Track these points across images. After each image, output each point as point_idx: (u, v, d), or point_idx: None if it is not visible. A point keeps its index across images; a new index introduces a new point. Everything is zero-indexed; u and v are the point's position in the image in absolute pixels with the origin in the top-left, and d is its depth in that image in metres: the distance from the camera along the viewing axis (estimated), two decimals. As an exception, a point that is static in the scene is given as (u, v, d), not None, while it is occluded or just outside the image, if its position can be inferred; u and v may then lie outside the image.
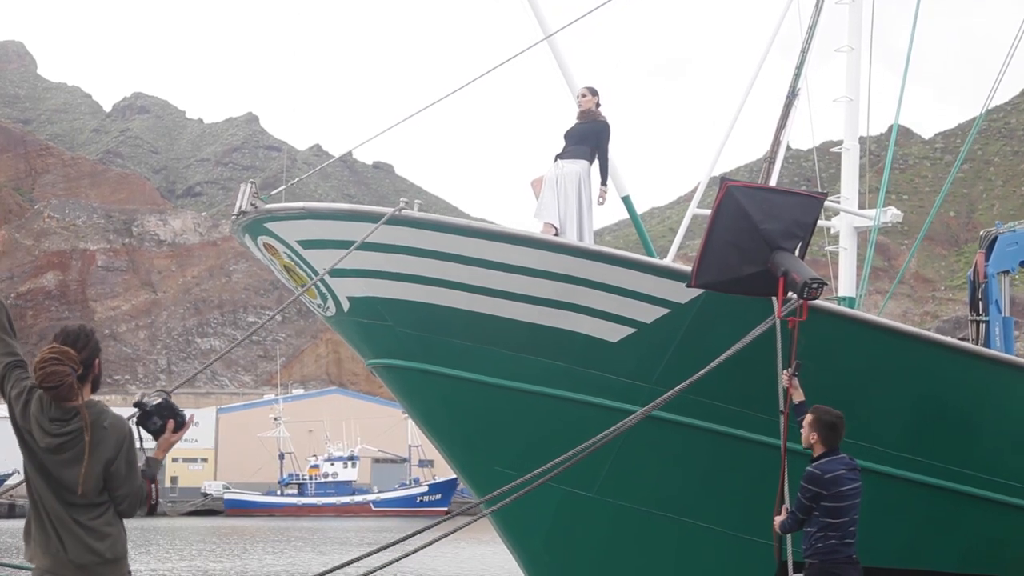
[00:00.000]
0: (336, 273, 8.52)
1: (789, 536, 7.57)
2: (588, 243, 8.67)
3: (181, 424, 4.55)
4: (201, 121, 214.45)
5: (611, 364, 8.43)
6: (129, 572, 4.46)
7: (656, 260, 8.72)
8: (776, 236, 7.44)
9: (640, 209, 10.82)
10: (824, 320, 7.91)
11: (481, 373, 8.59)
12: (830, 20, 11.38)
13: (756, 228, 7.44)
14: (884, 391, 8.41)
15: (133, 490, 4.33)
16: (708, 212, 8.02)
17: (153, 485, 4.47)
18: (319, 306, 9.25)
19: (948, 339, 8.91)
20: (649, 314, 8.24)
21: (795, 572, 7.76)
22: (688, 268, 7.89)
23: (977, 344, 9.95)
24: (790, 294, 7.38)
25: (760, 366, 7.97)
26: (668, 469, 8.64)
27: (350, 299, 8.84)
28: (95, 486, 4.25)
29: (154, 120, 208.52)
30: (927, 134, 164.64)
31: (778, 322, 7.89)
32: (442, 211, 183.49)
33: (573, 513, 8.74)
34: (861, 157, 11.34)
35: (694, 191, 11.43)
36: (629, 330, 8.32)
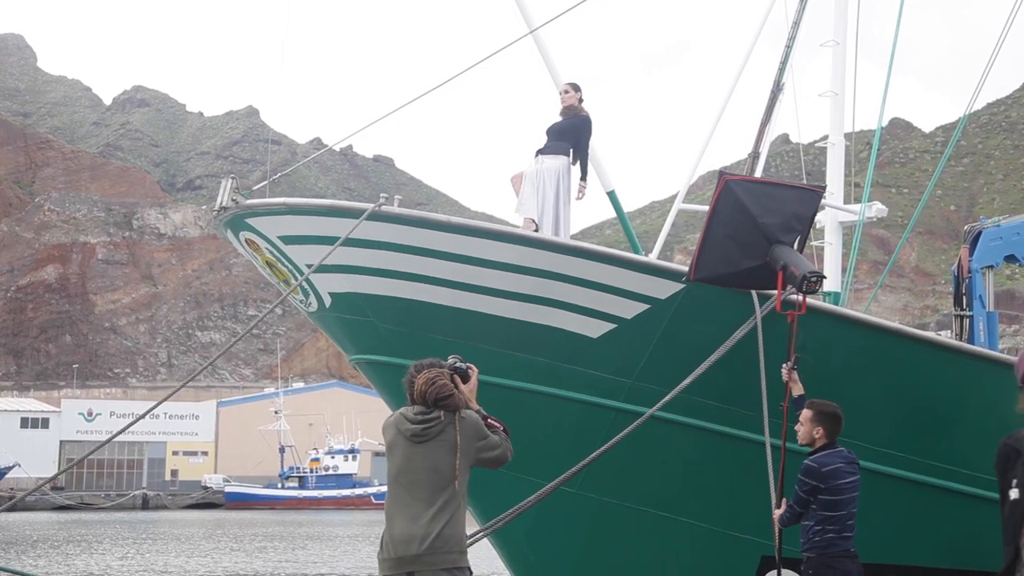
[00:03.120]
0: (318, 269, 8.52)
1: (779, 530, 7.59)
2: (565, 238, 8.67)
3: (463, 374, 5.17)
4: (201, 114, 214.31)
5: (593, 360, 8.43)
6: (469, 570, 4.95)
7: (635, 255, 8.70)
8: (775, 230, 7.45)
9: (640, 203, 10.90)
10: (804, 316, 7.90)
11: (463, 369, 8.58)
12: (823, 14, 11.38)
13: (755, 222, 7.45)
14: (865, 387, 8.40)
15: (500, 440, 5.11)
16: (695, 207, 8.05)
17: (491, 419, 5.18)
18: (301, 302, 9.25)
19: (929, 335, 8.91)
20: (629, 309, 8.23)
21: (786, 567, 7.79)
22: (679, 262, 7.89)
23: (961, 339, 9.93)
24: (788, 287, 7.40)
25: (740, 362, 8.00)
26: (649, 465, 8.64)
27: (332, 295, 8.84)
28: (464, 472, 4.91)
29: (154, 113, 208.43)
30: (928, 128, 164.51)
31: (759, 318, 7.92)
32: (442, 205, 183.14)
33: (555, 508, 8.74)
34: (862, 151, 11.34)
35: (692, 184, 11.43)
36: (610, 326, 8.31)
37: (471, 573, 4.93)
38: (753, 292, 8.03)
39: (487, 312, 8.39)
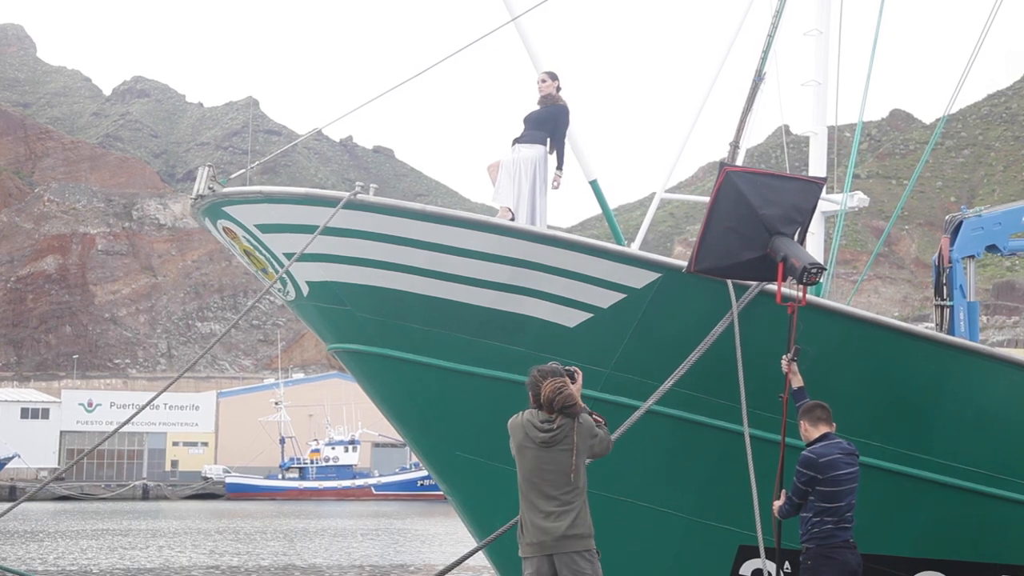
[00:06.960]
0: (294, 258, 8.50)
1: (760, 521, 7.60)
2: (541, 227, 8.66)
3: (571, 376, 6.05)
4: (201, 105, 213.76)
5: (569, 349, 8.40)
6: (596, 550, 5.98)
7: (610, 245, 8.69)
8: (775, 221, 7.47)
9: (640, 195, 10.83)
10: (781, 306, 7.89)
11: (439, 358, 8.59)
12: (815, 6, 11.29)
13: (755, 213, 7.46)
14: (844, 377, 8.39)
15: (605, 434, 6.07)
16: (683, 197, 7.99)
17: (595, 415, 6.09)
18: (280, 291, 9.24)
19: (906, 324, 8.89)
20: (605, 299, 8.22)
21: (771, 559, 7.80)
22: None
23: (941, 329, 9.92)
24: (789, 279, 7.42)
25: (717, 352, 7.99)
26: (626, 454, 8.63)
27: (309, 284, 8.84)
28: (582, 468, 5.86)
29: (154, 104, 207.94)
30: (928, 119, 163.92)
31: (736, 312, 7.94)
32: (442, 196, 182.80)
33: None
34: (863, 143, 11.27)
35: (692, 176, 11.42)
36: (586, 315, 8.30)
37: (599, 554, 5.95)
38: (729, 283, 8.03)
39: (462, 301, 8.38)
